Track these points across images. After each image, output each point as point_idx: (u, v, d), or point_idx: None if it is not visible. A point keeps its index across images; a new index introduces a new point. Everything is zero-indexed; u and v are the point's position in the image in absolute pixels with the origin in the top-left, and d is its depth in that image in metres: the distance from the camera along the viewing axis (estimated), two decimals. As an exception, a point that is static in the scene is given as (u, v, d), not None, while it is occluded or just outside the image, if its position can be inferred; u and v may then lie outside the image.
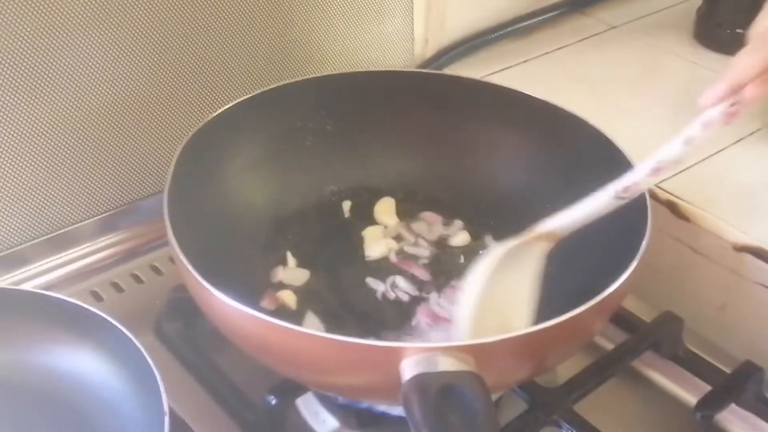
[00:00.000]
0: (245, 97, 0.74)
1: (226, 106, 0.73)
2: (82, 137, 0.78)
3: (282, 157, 0.78)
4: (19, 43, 0.71)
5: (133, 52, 0.77)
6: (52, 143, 0.76)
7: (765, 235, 0.76)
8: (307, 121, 0.79)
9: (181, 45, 0.80)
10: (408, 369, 0.51)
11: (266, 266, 0.75)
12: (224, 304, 0.56)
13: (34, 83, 0.73)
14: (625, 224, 0.65)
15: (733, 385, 0.69)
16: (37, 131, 0.75)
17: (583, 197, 0.73)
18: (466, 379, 0.50)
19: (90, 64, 0.75)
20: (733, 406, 0.69)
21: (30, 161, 0.76)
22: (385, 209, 0.80)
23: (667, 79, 1.02)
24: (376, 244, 0.77)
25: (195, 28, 0.80)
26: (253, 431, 0.65)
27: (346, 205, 0.81)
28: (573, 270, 0.71)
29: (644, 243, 0.60)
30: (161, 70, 0.80)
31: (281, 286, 0.73)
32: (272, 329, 0.54)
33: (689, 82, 1.01)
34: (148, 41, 0.78)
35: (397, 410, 0.65)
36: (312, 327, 0.69)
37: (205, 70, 0.83)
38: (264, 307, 0.71)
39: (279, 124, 0.78)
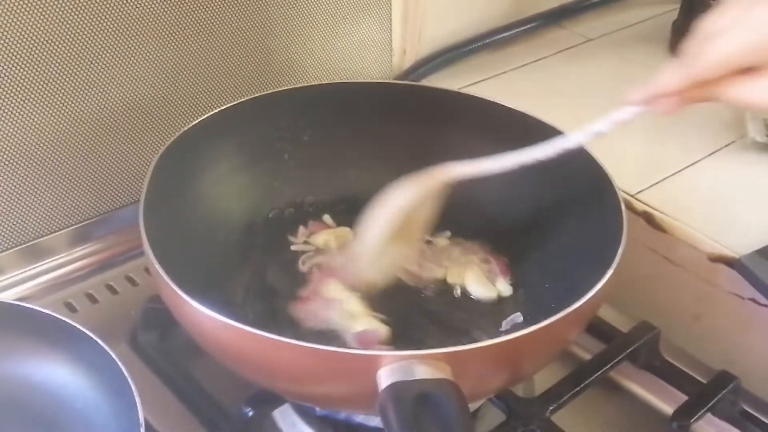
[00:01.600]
0: (223, 107, 0.74)
1: (204, 116, 0.73)
2: (56, 147, 0.77)
3: (259, 167, 0.78)
4: (-7, 52, 0.71)
5: (108, 63, 0.77)
6: (26, 153, 0.76)
7: (739, 245, 0.76)
8: (285, 132, 0.79)
9: (158, 55, 0.80)
10: (384, 377, 0.51)
11: (242, 276, 0.74)
12: (200, 313, 0.56)
13: (7, 94, 0.72)
14: (601, 234, 0.65)
15: (709, 394, 0.70)
16: (10, 141, 0.74)
17: (558, 206, 0.73)
18: (443, 386, 0.50)
19: (64, 75, 0.75)
20: (709, 415, 0.70)
21: (3, 171, 0.75)
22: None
23: (643, 91, 1.03)
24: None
25: (171, 39, 0.80)
26: (229, 443, 0.65)
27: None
28: (549, 279, 0.72)
29: (619, 252, 0.61)
30: (137, 81, 0.80)
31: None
32: (248, 338, 0.54)
33: (665, 94, 1.02)
34: (123, 52, 0.78)
35: (375, 421, 0.65)
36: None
37: (182, 80, 0.83)
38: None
39: (256, 135, 0.78)
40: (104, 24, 0.75)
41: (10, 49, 0.71)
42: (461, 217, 0.80)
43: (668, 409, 0.70)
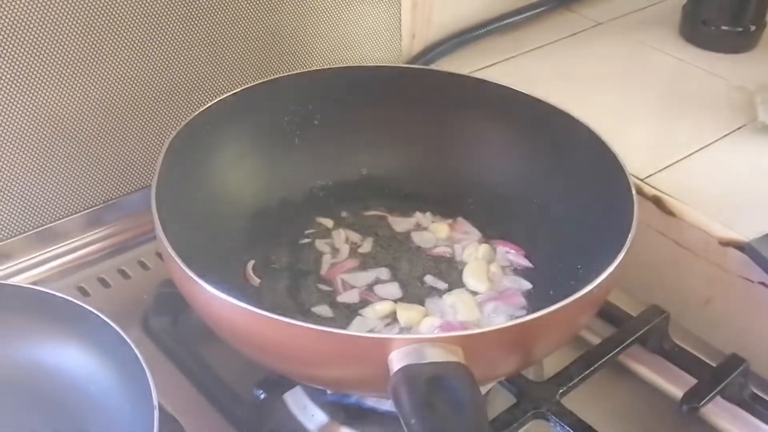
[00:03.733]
0: (233, 91, 0.74)
1: (214, 101, 0.73)
2: (68, 133, 0.77)
3: (269, 151, 0.78)
4: (3, 40, 0.70)
5: (119, 48, 0.77)
6: (39, 138, 0.76)
7: (749, 229, 0.76)
8: (295, 116, 0.79)
9: (168, 41, 0.80)
10: (396, 360, 0.51)
11: (253, 260, 0.75)
12: (212, 296, 0.56)
13: (21, 79, 0.73)
14: (612, 219, 0.65)
15: (719, 378, 0.70)
16: (23, 126, 0.74)
17: (569, 191, 0.73)
18: (454, 370, 0.50)
19: (77, 60, 0.75)
20: (718, 398, 0.70)
21: (16, 156, 0.75)
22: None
23: (653, 74, 1.03)
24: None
25: (182, 24, 0.80)
26: (241, 426, 0.65)
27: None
28: (560, 263, 0.72)
29: (630, 237, 0.61)
30: (148, 66, 0.80)
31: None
32: (260, 322, 0.54)
33: (674, 77, 1.02)
34: (134, 37, 0.78)
35: (386, 405, 0.65)
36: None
37: (193, 66, 0.83)
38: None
39: (266, 119, 0.78)
40: (115, 10, 0.75)
41: (23, 37, 0.71)
42: (465, 200, 0.80)
43: (678, 393, 0.71)
